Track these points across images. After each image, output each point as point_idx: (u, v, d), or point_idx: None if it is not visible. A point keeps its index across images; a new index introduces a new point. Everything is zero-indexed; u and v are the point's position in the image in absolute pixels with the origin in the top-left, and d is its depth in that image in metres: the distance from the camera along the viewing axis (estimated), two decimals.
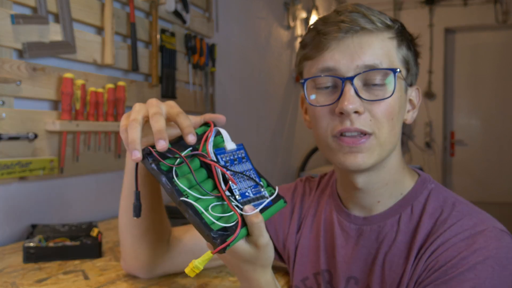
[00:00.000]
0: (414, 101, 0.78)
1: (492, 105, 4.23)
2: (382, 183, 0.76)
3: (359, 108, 0.68)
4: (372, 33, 0.70)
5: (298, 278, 0.86)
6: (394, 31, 0.72)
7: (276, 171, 3.26)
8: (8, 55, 1.19)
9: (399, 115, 0.72)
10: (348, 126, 0.69)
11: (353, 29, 0.69)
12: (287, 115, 3.49)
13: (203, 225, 0.54)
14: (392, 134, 0.72)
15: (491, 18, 4.02)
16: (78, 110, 1.37)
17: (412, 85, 0.76)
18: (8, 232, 1.25)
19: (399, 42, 0.72)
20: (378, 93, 0.70)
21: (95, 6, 1.47)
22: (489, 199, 4.09)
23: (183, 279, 0.91)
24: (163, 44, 1.79)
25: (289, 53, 3.51)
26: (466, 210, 0.72)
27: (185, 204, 0.55)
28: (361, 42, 0.69)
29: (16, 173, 1.21)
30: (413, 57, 0.75)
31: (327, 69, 0.71)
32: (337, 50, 0.70)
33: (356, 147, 0.70)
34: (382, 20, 0.71)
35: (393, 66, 0.70)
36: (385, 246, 0.75)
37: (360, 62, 0.69)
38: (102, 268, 0.99)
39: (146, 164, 0.57)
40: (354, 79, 0.69)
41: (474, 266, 0.63)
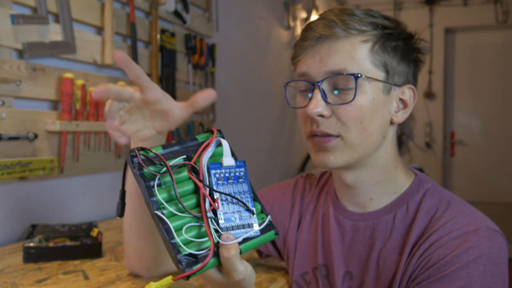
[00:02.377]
0: (407, 101, 0.77)
1: (492, 105, 4.23)
2: (372, 181, 0.78)
3: (323, 111, 0.72)
4: (342, 38, 0.72)
5: (298, 273, 0.87)
6: (368, 33, 0.72)
7: (276, 172, 3.26)
8: (8, 55, 1.19)
9: (374, 117, 0.73)
10: (314, 129, 0.74)
11: (323, 36, 0.72)
12: (287, 115, 3.49)
13: (171, 245, 0.50)
14: (364, 136, 0.73)
15: (491, 18, 4.02)
16: (78, 110, 1.37)
17: (401, 84, 0.76)
18: (8, 232, 1.25)
19: (373, 44, 0.72)
20: (344, 97, 0.72)
21: (95, 6, 1.47)
22: (489, 199, 4.09)
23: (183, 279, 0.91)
24: (163, 44, 1.79)
25: (289, 53, 3.50)
26: (460, 209, 0.73)
27: (158, 219, 0.51)
28: (330, 48, 0.72)
29: (16, 173, 1.21)
30: (396, 57, 0.74)
31: (302, 73, 0.75)
32: (310, 55, 0.74)
33: (323, 146, 0.74)
34: (354, 25, 0.72)
35: (363, 70, 0.71)
36: (380, 243, 0.76)
37: (327, 68, 0.72)
38: (102, 268, 0.99)
39: (130, 167, 0.53)
40: (322, 84, 0.72)
41: (467, 264, 0.64)
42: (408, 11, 4.26)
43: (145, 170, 0.53)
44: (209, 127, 0.67)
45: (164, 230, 0.50)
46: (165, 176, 0.54)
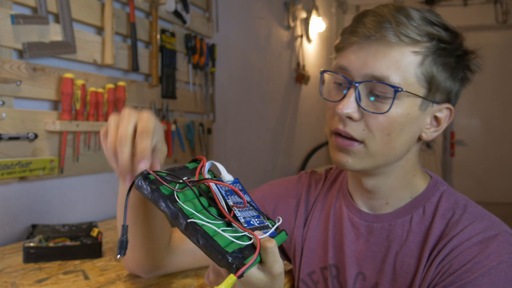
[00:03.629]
0: (441, 120, 0.74)
1: (492, 105, 4.23)
2: (389, 188, 0.77)
3: (353, 114, 0.69)
4: (392, 44, 0.68)
5: (305, 271, 0.86)
6: (422, 45, 0.68)
7: (276, 171, 3.26)
8: (8, 55, 1.19)
9: (403, 131, 0.70)
10: (340, 128, 0.71)
11: (373, 36, 0.68)
12: (287, 115, 3.49)
13: (215, 248, 0.50)
14: (388, 148, 0.71)
15: (491, 18, 4.02)
16: (78, 110, 1.37)
17: (441, 102, 0.72)
18: (8, 232, 1.25)
19: (424, 57, 0.68)
20: (379, 105, 0.69)
21: (95, 6, 1.47)
22: (489, 199, 4.09)
23: (183, 279, 0.91)
24: (163, 44, 1.79)
25: (289, 53, 3.51)
26: (477, 213, 0.72)
27: (193, 227, 0.51)
28: (377, 51, 0.68)
29: (16, 173, 1.21)
30: (445, 74, 0.70)
31: (342, 67, 0.72)
32: (354, 52, 0.70)
33: (344, 149, 0.72)
34: (409, 33, 0.67)
35: (406, 82, 0.68)
36: (396, 245, 0.75)
37: (369, 71, 0.68)
38: (102, 268, 0.99)
39: (143, 187, 0.55)
40: (359, 86, 0.69)
41: (489, 271, 0.64)
42: None
43: (162, 187, 0.55)
44: (195, 157, 0.69)
45: (204, 236, 0.51)
46: (181, 193, 0.56)
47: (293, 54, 3.59)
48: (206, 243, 0.51)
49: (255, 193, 0.94)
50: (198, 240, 0.51)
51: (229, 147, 2.53)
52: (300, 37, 3.68)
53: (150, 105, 1.75)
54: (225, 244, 0.52)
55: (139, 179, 0.55)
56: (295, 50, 3.62)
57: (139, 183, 0.55)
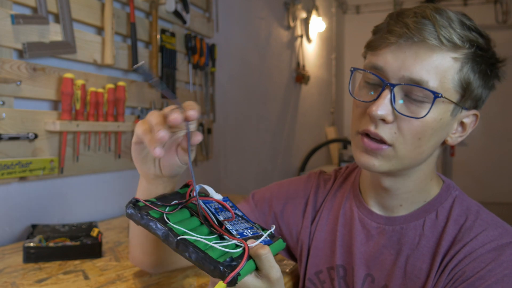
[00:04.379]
0: (467, 126, 0.74)
1: (492, 105, 4.22)
2: (406, 189, 0.76)
3: (387, 117, 0.67)
4: (433, 48, 0.66)
5: (312, 271, 0.86)
6: (462, 51, 0.67)
7: (276, 171, 3.26)
8: (8, 55, 1.19)
9: (433, 136, 0.70)
10: (371, 129, 0.69)
11: (414, 38, 0.66)
12: (287, 115, 3.49)
13: (207, 260, 0.52)
14: (417, 152, 0.70)
15: (491, 18, 4.02)
16: (78, 110, 1.37)
17: (470, 109, 0.72)
18: (8, 232, 1.25)
19: (463, 64, 0.67)
20: (414, 109, 0.67)
21: (95, 6, 1.47)
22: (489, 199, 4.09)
23: (183, 279, 0.91)
24: (163, 44, 1.79)
25: (289, 53, 3.51)
26: (490, 220, 0.72)
27: (184, 244, 0.53)
28: (417, 54, 0.66)
29: (16, 173, 1.21)
30: (479, 82, 0.70)
31: (377, 67, 0.69)
32: (392, 52, 0.68)
33: (372, 151, 0.70)
34: (451, 38, 0.66)
35: (443, 87, 0.66)
36: (408, 249, 0.75)
37: (407, 73, 0.66)
38: (102, 268, 0.99)
39: (133, 214, 0.56)
40: (395, 88, 0.67)
41: (502, 278, 0.64)
42: None
43: (152, 211, 0.57)
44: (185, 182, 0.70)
45: (196, 250, 0.52)
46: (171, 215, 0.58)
47: (293, 54, 3.58)
48: (197, 257, 0.52)
49: (263, 192, 0.94)
50: (190, 256, 0.52)
51: (229, 147, 2.53)
52: (300, 37, 3.68)
53: (150, 105, 1.75)
54: (217, 256, 0.53)
55: (129, 207, 0.57)
56: (295, 50, 3.62)
57: (129, 211, 0.57)
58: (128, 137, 1.65)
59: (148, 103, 1.75)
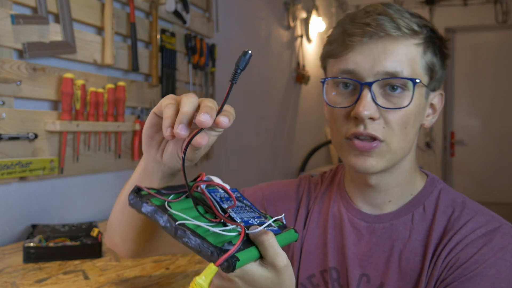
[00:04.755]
0: (436, 106, 0.77)
1: (492, 105, 4.23)
2: (395, 184, 0.77)
3: (374, 114, 0.69)
4: (398, 39, 0.69)
5: (304, 275, 0.86)
6: (421, 36, 0.70)
7: (276, 171, 3.26)
8: (8, 55, 1.19)
9: (415, 122, 0.72)
10: (361, 131, 0.70)
11: (378, 34, 0.68)
12: (287, 115, 3.49)
13: (206, 245, 0.49)
14: (405, 141, 0.72)
15: (491, 18, 4.02)
16: (78, 110, 1.37)
17: (435, 90, 0.76)
18: (8, 232, 1.25)
19: (425, 48, 0.71)
20: (396, 101, 0.70)
21: (95, 6, 1.47)
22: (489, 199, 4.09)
23: (183, 279, 0.91)
24: (163, 44, 1.79)
25: (289, 53, 3.51)
26: (476, 208, 0.74)
27: (183, 229, 0.51)
28: (385, 48, 0.69)
29: (16, 173, 1.21)
30: (439, 62, 0.74)
31: (348, 71, 0.71)
32: (360, 53, 0.70)
33: (366, 152, 0.71)
34: (410, 25, 0.69)
35: (415, 74, 0.70)
36: (400, 244, 0.75)
37: (381, 68, 0.68)
38: (102, 268, 0.99)
39: (136, 202, 0.55)
40: (373, 85, 0.69)
41: (495, 261, 0.66)
42: None
43: (153, 199, 0.56)
44: None
45: (194, 235, 0.50)
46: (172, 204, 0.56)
47: (293, 54, 3.59)
48: (196, 243, 0.50)
49: (254, 191, 0.94)
50: (189, 242, 0.50)
51: (229, 147, 2.53)
52: (300, 37, 3.68)
53: (150, 105, 1.75)
54: (217, 242, 0.50)
55: (131, 196, 0.56)
56: (295, 50, 3.62)
57: (131, 200, 0.56)
58: (128, 137, 1.65)
59: (148, 103, 1.75)
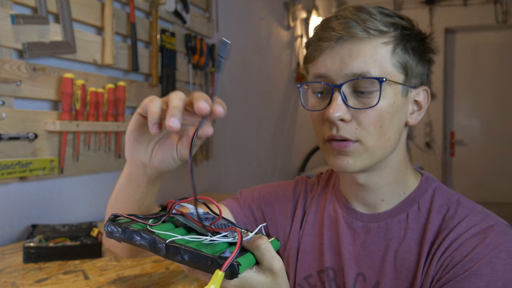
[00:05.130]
0: (421, 103, 0.77)
1: (492, 105, 4.23)
2: (385, 182, 0.77)
3: (344, 116, 0.70)
4: (364, 40, 0.70)
5: (301, 276, 0.86)
6: (390, 35, 0.71)
7: (276, 172, 3.26)
8: (8, 55, 1.19)
9: (392, 121, 0.72)
10: (334, 133, 0.72)
11: (343, 37, 0.70)
12: (287, 115, 3.49)
13: (203, 257, 0.48)
14: (382, 140, 0.72)
15: (491, 18, 4.02)
16: (78, 110, 1.37)
17: (417, 86, 0.76)
18: (8, 232, 1.25)
19: (395, 46, 0.71)
20: (366, 101, 0.70)
21: (95, 6, 1.47)
22: (489, 199, 4.09)
23: (183, 279, 0.91)
24: (163, 44, 1.79)
25: (289, 53, 3.51)
26: (470, 206, 0.74)
27: (174, 247, 0.49)
28: (351, 50, 0.70)
29: (16, 173, 1.21)
30: (416, 58, 0.74)
31: (319, 75, 0.73)
32: (329, 57, 0.71)
33: (342, 151, 0.72)
34: (376, 25, 0.70)
35: (385, 72, 0.70)
36: (395, 243, 0.76)
37: (348, 70, 0.70)
38: (102, 268, 0.99)
39: (113, 231, 0.52)
40: (343, 87, 0.70)
41: (490, 260, 0.66)
42: (408, 11, 4.26)
43: (133, 225, 0.53)
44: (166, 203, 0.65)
45: (188, 249, 0.49)
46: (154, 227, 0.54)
47: (293, 54, 3.59)
48: (191, 256, 0.48)
49: (252, 191, 0.94)
50: (183, 257, 0.49)
51: (229, 147, 2.53)
52: (300, 37, 3.68)
53: None
54: (213, 252, 0.50)
55: (107, 224, 0.52)
56: (295, 50, 3.62)
57: (109, 228, 0.52)
58: None
59: None
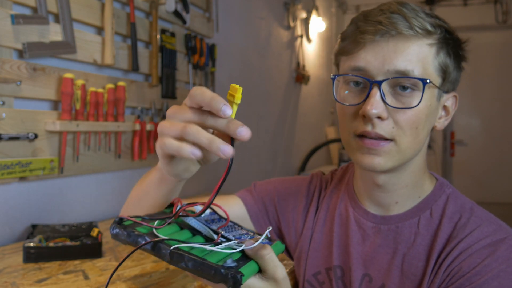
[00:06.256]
0: (449, 109, 0.76)
1: (492, 105, 4.23)
2: (402, 184, 0.76)
3: (382, 113, 0.68)
4: (410, 38, 0.68)
5: (310, 272, 0.86)
6: (435, 37, 0.70)
7: (276, 172, 3.26)
8: (8, 55, 1.19)
9: (426, 123, 0.71)
10: (369, 130, 0.69)
11: (390, 33, 0.68)
12: (287, 115, 3.49)
13: (206, 266, 0.48)
14: (416, 142, 0.71)
15: (491, 18, 4.02)
16: (78, 110, 1.37)
17: (449, 91, 0.74)
18: (8, 232, 1.25)
19: (439, 49, 0.70)
20: (405, 100, 0.68)
21: (95, 6, 1.47)
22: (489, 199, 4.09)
23: (183, 279, 0.91)
24: (163, 44, 1.79)
25: (289, 53, 3.51)
26: (484, 216, 0.73)
27: (178, 253, 0.49)
28: (396, 47, 0.68)
29: (16, 173, 1.21)
30: (454, 64, 0.72)
31: (358, 68, 0.70)
32: (371, 51, 0.69)
33: (374, 150, 0.70)
34: (423, 25, 0.68)
35: (427, 74, 0.68)
36: (404, 248, 0.75)
37: (391, 67, 0.67)
38: (102, 268, 0.99)
39: (119, 233, 0.52)
40: (382, 84, 0.68)
41: (498, 274, 0.64)
42: None
43: (139, 228, 0.53)
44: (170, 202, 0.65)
45: (191, 259, 0.48)
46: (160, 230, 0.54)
47: (293, 54, 3.58)
48: (195, 264, 0.48)
49: (266, 184, 0.93)
50: (187, 264, 0.48)
51: None
52: (300, 37, 3.68)
53: (150, 105, 1.75)
54: (216, 261, 0.50)
55: (113, 227, 0.53)
56: (295, 50, 3.62)
57: (114, 231, 0.53)
58: (128, 137, 1.65)
59: (148, 103, 1.75)
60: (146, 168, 1.76)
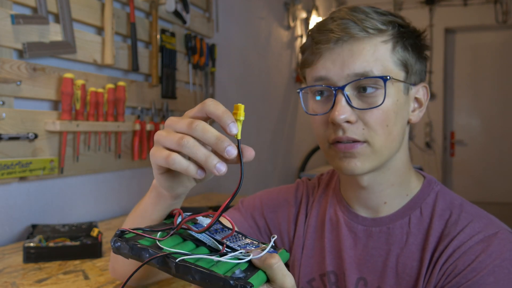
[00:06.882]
0: (422, 100, 0.77)
1: (492, 105, 4.23)
2: (388, 184, 0.76)
3: (350, 117, 0.69)
4: (363, 40, 0.69)
5: (304, 279, 0.86)
6: (388, 33, 0.71)
7: (276, 172, 3.26)
8: (8, 55, 1.19)
9: (397, 119, 0.72)
10: (340, 136, 0.71)
11: (343, 38, 0.69)
12: (287, 115, 3.49)
13: (214, 277, 0.46)
14: (390, 139, 0.71)
15: (491, 18, 4.02)
16: (78, 110, 1.37)
17: (417, 83, 0.75)
18: (8, 232, 1.25)
19: (394, 44, 0.71)
20: (370, 100, 0.70)
21: (95, 6, 1.47)
22: (489, 199, 4.09)
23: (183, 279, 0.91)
24: (163, 44, 1.79)
25: (289, 53, 3.51)
26: (474, 212, 0.73)
27: (185, 266, 0.47)
28: (352, 51, 0.69)
29: (16, 173, 1.21)
30: (414, 55, 0.73)
31: (320, 78, 0.72)
32: (329, 59, 0.71)
33: (349, 152, 0.71)
34: (374, 24, 0.70)
35: (387, 71, 0.70)
36: (397, 248, 0.75)
37: (351, 71, 0.69)
38: (102, 268, 0.99)
39: (121, 247, 0.51)
40: (345, 88, 0.69)
41: (493, 269, 0.64)
42: (408, 11, 4.26)
43: (141, 241, 0.52)
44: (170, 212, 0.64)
45: (199, 269, 0.47)
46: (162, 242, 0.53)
47: (293, 54, 3.58)
48: (202, 276, 0.47)
49: (253, 199, 0.93)
50: (194, 277, 0.47)
51: None
52: (300, 37, 3.68)
53: (150, 105, 1.75)
54: (223, 272, 0.49)
55: (114, 240, 0.51)
56: (295, 50, 3.62)
57: (116, 245, 0.51)
58: (128, 137, 1.65)
59: (148, 103, 1.75)
60: (146, 168, 1.76)
